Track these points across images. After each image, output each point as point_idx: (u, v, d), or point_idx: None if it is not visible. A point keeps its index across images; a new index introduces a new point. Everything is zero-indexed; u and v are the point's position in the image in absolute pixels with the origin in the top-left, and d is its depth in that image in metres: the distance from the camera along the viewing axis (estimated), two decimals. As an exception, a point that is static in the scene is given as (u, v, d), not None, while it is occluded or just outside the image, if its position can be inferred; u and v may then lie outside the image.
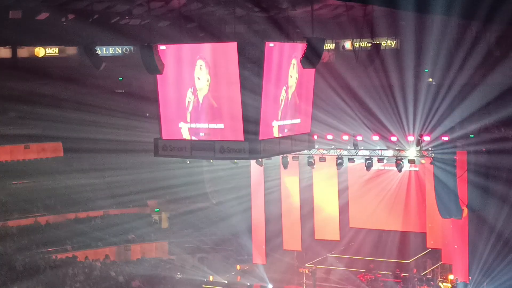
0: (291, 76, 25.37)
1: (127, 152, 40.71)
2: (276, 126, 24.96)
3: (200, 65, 24.22)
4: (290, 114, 25.78)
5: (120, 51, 42.82)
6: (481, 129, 32.91)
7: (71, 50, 43.57)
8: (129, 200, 42.49)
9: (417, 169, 33.54)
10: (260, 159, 32.43)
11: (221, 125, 24.32)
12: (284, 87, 25.22)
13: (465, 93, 32.62)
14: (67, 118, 40.98)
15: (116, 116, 40.97)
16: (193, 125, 24.85)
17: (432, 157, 30.56)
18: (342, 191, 35.52)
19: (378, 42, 29.22)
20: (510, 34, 33.11)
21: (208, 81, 24.17)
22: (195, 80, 24.40)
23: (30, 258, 35.17)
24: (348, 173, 35.48)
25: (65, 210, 40.86)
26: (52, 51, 43.14)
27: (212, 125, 24.46)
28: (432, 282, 32.74)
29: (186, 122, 24.93)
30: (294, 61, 25.05)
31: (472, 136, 32.21)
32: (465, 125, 32.22)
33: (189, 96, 24.75)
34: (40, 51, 42.92)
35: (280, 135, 25.32)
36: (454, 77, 33.80)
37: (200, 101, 24.49)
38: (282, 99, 25.15)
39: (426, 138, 30.52)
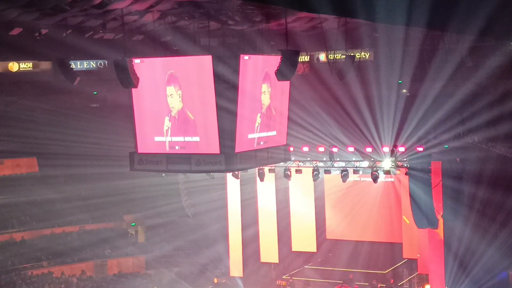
0: (265, 89, 25.45)
1: (102, 166, 40.53)
2: (252, 138, 25.01)
3: (172, 82, 24.25)
4: (266, 127, 25.85)
5: (94, 66, 42.69)
6: (455, 139, 33.15)
7: (45, 65, 43.35)
8: (105, 214, 42.30)
9: (392, 179, 33.72)
10: (236, 172, 32.43)
11: (197, 138, 24.35)
12: (260, 100, 25.29)
13: (439, 104, 32.84)
14: (42, 133, 40.73)
15: (91, 130, 40.81)
16: (168, 139, 24.85)
17: (407, 168, 30.72)
18: (319, 203, 35.60)
19: (352, 54, 29.39)
20: (482, 45, 33.44)
21: (180, 96, 24.19)
22: (167, 96, 24.43)
23: (5, 275, 34.90)
24: (324, 185, 35.61)
25: (40, 226, 40.58)
26: (26, 66, 42.91)
27: (188, 138, 24.47)
28: (409, 292, 32.89)
29: (161, 135, 24.91)
30: (269, 74, 25.13)
31: (447, 146, 32.44)
32: (439, 136, 32.43)
33: (164, 109, 24.74)
34: (14, 66, 42.66)
35: (256, 148, 25.36)
36: (428, 88, 34.03)
37: (174, 115, 24.50)
38: (257, 112, 25.21)
39: (401, 149, 30.67)
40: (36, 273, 36.23)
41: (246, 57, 23.94)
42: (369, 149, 31.40)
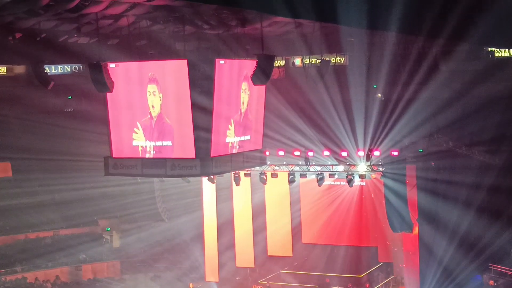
0: (242, 93, 25.45)
1: (76, 171, 40.25)
2: (227, 143, 24.98)
3: (153, 85, 24.17)
4: (242, 131, 25.84)
5: (69, 70, 42.43)
6: (429, 143, 33.30)
7: (19, 69, 43.02)
8: (80, 220, 41.99)
9: (367, 184, 33.81)
10: (212, 176, 32.36)
11: (168, 143, 24.29)
12: (235, 104, 25.28)
13: (414, 108, 32.99)
14: (16, 137, 40.43)
15: (65, 134, 40.53)
16: (143, 143, 24.75)
17: (382, 172, 30.83)
18: (295, 207, 35.60)
19: (327, 59, 29.47)
20: (455, 49, 33.66)
21: (160, 99, 24.13)
22: (147, 99, 24.33)
23: (-21, 281, 34.60)
24: (300, 189, 35.62)
25: (14, 231, 40.20)
26: (0, 70, 42.59)
27: (164, 143, 24.40)
28: (384, 296, 32.99)
29: (137, 140, 24.81)
30: (245, 78, 25.13)
31: (421, 150, 32.59)
32: (414, 140, 32.58)
33: (141, 114, 24.64)
34: (-13, 71, 42.33)
35: (232, 152, 25.34)
36: (402, 92, 34.17)
37: (154, 119, 24.41)
38: (233, 116, 25.19)
39: (376, 153, 30.73)
40: (10, 278, 35.91)
41: (221, 61, 23.93)
42: (344, 153, 31.46)
